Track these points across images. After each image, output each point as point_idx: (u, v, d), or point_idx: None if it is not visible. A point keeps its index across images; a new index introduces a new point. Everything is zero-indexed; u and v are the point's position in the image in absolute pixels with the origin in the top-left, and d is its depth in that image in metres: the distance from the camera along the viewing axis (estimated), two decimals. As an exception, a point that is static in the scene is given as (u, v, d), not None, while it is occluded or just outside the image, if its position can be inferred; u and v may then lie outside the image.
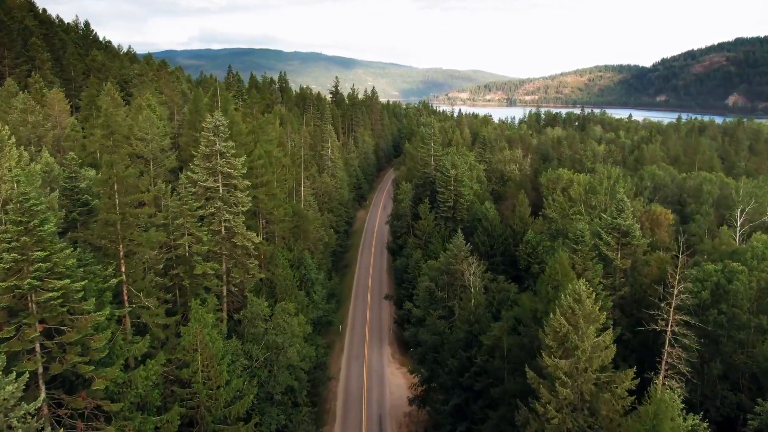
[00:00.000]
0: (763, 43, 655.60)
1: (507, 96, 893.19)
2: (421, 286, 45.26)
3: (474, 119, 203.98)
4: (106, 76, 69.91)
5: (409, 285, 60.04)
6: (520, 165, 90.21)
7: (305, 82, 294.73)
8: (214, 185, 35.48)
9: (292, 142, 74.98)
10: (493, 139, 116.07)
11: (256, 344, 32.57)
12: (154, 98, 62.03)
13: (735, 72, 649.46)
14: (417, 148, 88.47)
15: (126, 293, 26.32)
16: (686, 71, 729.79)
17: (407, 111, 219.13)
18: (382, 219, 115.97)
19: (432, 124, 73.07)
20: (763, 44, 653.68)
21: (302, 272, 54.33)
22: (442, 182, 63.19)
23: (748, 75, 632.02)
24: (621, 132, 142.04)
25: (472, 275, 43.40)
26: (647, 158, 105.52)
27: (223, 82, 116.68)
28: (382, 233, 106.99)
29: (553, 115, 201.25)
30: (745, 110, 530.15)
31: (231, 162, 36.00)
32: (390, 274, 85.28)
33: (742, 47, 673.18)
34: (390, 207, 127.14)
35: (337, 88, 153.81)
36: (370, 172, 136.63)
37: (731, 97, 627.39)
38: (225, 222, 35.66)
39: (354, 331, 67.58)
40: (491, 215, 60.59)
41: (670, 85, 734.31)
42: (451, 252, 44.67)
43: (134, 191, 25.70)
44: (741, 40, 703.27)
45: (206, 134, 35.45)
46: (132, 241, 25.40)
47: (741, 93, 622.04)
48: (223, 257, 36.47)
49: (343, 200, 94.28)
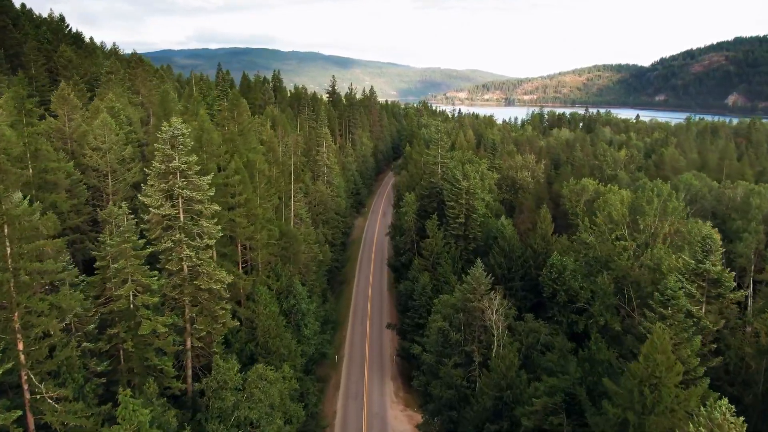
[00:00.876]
0: (762, 43, 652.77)
1: (505, 96, 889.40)
2: (432, 326, 37.43)
3: (475, 119, 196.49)
4: (72, 75, 61.68)
5: (415, 314, 52.26)
6: (532, 172, 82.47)
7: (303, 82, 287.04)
8: (171, 212, 27.51)
9: (284, 147, 67.08)
10: (500, 142, 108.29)
11: (222, 423, 24.70)
12: (121, 99, 53.89)
13: (734, 71, 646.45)
14: (421, 153, 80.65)
15: (25, 382, 18.33)
16: (685, 71, 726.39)
17: (407, 111, 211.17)
18: (382, 227, 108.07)
19: (438, 127, 65.26)
20: (762, 43, 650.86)
21: (291, 303, 46.49)
22: (452, 195, 55.38)
23: (747, 74, 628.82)
24: (632, 134, 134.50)
25: (495, 313, 35.68)
26: (667, 164, 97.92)
27: (213, 81, 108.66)
28: (382, 244, 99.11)
29: (558, 116, 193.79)
30: (745, 110, 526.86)
31: (194, 182, 28.02)
32: (391, 292, 77.42)
33: (741, 46, 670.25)
34: (390, 214, 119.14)
35: (334, 87, 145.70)
36: (368, 176, 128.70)
37: (731, 97, 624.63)
38: (186, 260, 27.69)
39: (352, 363, 59.53)
40: (509, 233, 52.81)
41: (669, 84, 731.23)
42: (469, 285, 36.92)
43: (34, 236, 17.73)
44: (740, 40, 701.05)
45: (161, 147, 27.46)
46: (30, 309, 17.38)
47: (741, 92, 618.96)
48: (186, 304, 28.52)
49: (339, 209, 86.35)
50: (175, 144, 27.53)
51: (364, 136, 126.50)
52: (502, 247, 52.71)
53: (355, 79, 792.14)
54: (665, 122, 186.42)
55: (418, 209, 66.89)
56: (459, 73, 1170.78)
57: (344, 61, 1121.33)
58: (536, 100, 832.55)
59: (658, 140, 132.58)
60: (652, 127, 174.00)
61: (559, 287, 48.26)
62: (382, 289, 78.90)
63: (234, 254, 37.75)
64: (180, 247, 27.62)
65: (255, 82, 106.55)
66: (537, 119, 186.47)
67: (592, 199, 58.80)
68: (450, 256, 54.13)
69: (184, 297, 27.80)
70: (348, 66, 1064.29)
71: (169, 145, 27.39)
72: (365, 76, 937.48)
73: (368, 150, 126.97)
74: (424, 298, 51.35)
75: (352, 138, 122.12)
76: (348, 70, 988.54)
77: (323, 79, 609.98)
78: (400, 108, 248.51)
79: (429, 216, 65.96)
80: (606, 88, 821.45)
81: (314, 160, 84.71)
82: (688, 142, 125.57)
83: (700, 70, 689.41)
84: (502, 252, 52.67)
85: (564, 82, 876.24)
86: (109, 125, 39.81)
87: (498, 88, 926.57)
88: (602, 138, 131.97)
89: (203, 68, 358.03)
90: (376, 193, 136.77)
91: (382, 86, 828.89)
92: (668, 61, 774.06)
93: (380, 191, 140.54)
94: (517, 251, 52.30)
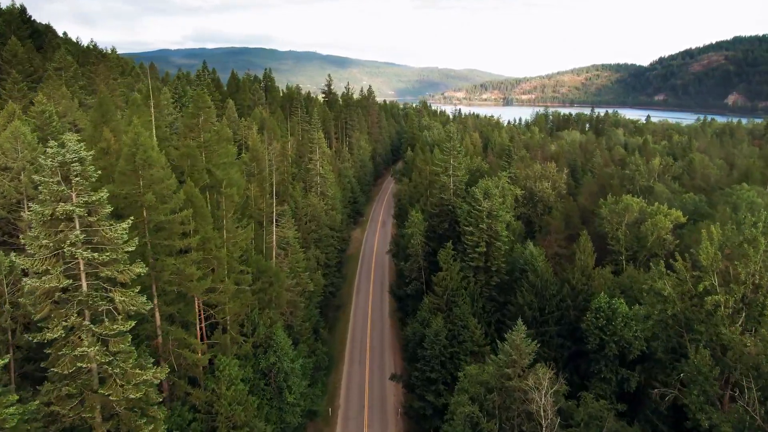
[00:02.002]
0: (761, 42, 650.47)
1: (503, 95, 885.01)
2: (456, 410, 27.38)
3: (477, 120, 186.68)
4: (10, 73, 51.23)
5: (426, 366, 42.24)
6: (553, 182, 72.40)
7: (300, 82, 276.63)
8: (62, 282, 17.37)
9: (270, 159, 56.86)
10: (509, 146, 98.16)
11: None
12: (65, 102, 43.53)
13: (734, 71, 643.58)
14: (427, 161, 70.51)
15: None
16: (684, 70, 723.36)
17: (407, 112, 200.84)
18: (382, 240, 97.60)
19: (450, 132, 55.11)
20: (761, 43, 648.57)
21: (272, 360, 36.46)
22: (471, 218, 45.32)
23: (747, 74, 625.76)
24: (648, 136, 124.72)
25: (544, 396, 25.83)
26: (698, 172, 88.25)
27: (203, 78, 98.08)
28: (382, 260, 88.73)
29: (564, 117, 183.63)
30: (745, 110, 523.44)
31: (101, 233, 17.90)
32: (393, 321, 67.39)
33: (740, 46, 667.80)
34: (390, 223, 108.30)
35: (330, 87, 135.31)
36: (366, 181, 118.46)
37: (731, 96, 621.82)
38: (86, 359, 17.49)
39: (348, 417, 49.37)
40: (540, 266, 42.88)
41: (669, 84, 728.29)
42: (507, 357, 27.01)
43: None
44: (739, 39, 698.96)
45: (46, 180, 17.29)
46: None
47: (740, 92, 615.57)
48: (94, 423, 18.33)
49: (335, 224, 76.07)
50: (68, 175, 17.38)
51: (362, 138, 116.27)
52: (532, 283, 42.78)
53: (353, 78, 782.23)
54: (675, 123, 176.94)
55: (426, 230, 56.85)
56: (457, 73, 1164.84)
57: (342, 61, 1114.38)
58: (534, 100, 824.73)
59: (678, 144, 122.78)
60: (665, 128, 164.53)
61: (607, 337, 38.42)
62: (383, 318, 68.76)
63: (188, 313, 27.63)
64: (77, 337, 17.45)
65: (244, 81, 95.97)
66: (542, 120, 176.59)
67: (636, 221, 49.08)
68: (468, 293, 44.12)
69: (84, 414, 17.65)
70: (345, 66, 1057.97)
71: (57, 176, 17.22)
72: (363, 76, 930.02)
73: (366, 154, 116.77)
74: (437, 348, 41.40)
75: (349, 141, 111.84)
76: (345, 69, 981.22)
77: (320, 79, 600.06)
78: (399, 108, 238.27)
79: (439, 238, 55.92)
80: (605, 87, 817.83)
81: (306, 169, 74.45)
82: (713, 146, 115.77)
83: (699, 69, 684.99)
84: (533, 289, 42.75)
85: (562, 82, 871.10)
86: (21, 137, 29.50)
87: (496, 87, 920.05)
88: (616, 141, 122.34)
89: (199, 68, 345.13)
90: (374, 200, 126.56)
91: (379, 86, 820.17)
92: (667, 60, 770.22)
93: (379, 197, 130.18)
94: (551, 288, 42.39)
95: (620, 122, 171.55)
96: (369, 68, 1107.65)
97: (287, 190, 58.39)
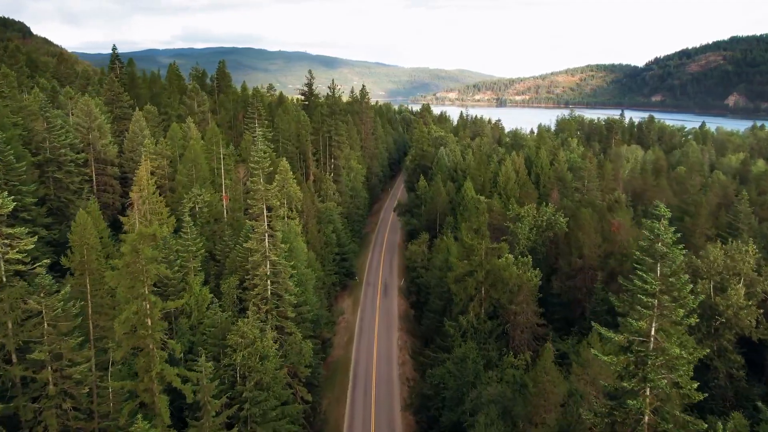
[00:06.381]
0: (760, 42, 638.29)
1: (496, 96, 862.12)
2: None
3: (495, 128, 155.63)
4: None
5: None
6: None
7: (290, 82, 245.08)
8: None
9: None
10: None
11: None
12: None
13: (733, 71, 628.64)
14: (465, 217, 39.52)
15: None
16: (682, 70, 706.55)
17: (405, 116, 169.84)
18: (386, 328, 59.88)
19: (508, 169, 25.40)
20: (760, 43, 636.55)
21: None
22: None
23: (747, 74, 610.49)
24: (730, 157, 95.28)
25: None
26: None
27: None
28: (388, 378, 50.25)
29: (597, 124, 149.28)
30: (747, 110, 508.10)
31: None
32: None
33: (738, 46, 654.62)
34: (395, 285, 72.59)
35: (311, 87, 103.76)
36: (360, 216, 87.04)
37: (731, 97, 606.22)
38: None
39: None
40: None
41: (666, 84, 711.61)
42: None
43: None
44: (736, 39, 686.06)
45: None
46: None
47: (741, 93, 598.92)
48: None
49: (300, 353, 39.22)
50: None
51: (353, 157, 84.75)
52: None
53: (343, 78, 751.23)
54: (733, 131, 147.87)
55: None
56: (447, 73, 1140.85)
57: (331, 61, 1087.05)
58: (529, 101, 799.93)
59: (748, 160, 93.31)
60: (723, 137, 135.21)
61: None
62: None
63: None
64: None
65: (170, 76, 63.87)
66: (573, 126, 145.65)
67: None
68: None
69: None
70: (335, 66, 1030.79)
71: None
72: (353, 76, 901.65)
73: (360, 178, 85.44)
74: None
75: (334, 164, 79.87)
76: (335, 69, 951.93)
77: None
78: (395, 111, 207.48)
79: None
80: (600, 88, 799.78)
81: (246, 264, 38.23)
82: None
83: (697, 69, 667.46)
84: None
85: (557, 83, 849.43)
86: None
87: (489, 88, 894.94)
88: (695, 159, 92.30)
89: (187, 68, 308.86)
90: (372, 242, 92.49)
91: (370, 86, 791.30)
92: (663, 60, 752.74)
93: (377, 237, 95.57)
94: None
95: (665, 130, 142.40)
96: (359, 68, 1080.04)
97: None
